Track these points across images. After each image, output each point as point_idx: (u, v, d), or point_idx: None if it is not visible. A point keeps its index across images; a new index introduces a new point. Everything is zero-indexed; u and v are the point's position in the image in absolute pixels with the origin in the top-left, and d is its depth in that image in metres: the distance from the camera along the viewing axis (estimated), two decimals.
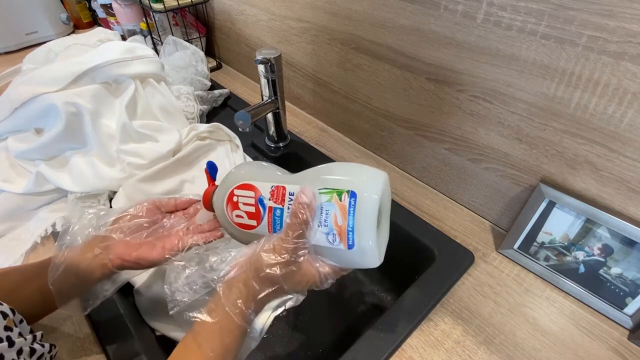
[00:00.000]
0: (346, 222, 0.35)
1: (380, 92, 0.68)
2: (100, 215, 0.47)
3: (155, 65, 0.76)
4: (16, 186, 0.65)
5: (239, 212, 0.40)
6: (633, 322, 0.49)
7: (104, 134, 0.67)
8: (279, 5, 0.79)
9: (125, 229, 0.46)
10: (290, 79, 0.87)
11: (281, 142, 0.78)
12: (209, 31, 1.09)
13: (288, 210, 0.37)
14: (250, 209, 0.39)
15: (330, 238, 0.35)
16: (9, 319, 0.36)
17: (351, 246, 0.35)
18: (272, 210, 0.38)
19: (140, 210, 0.47)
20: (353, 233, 0.35)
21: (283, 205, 0.37)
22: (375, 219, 0.35)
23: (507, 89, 0.51)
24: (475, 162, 0.60)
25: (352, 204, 0.34)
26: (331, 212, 0.35)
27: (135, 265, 0.44)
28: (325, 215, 0.35)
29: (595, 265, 0.51)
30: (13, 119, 0.68)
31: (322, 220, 0.35)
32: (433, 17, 0.53)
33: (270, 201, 0.38)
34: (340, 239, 0.35)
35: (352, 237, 0.35)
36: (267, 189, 0.38)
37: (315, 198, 0.35)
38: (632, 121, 0.42)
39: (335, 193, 0.35)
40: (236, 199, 0.40)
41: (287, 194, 0.37)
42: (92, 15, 1.35)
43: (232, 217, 0.41)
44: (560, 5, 0.42)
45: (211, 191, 0.45)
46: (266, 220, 0.39)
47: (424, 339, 0.49)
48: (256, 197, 0.39)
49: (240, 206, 0.40)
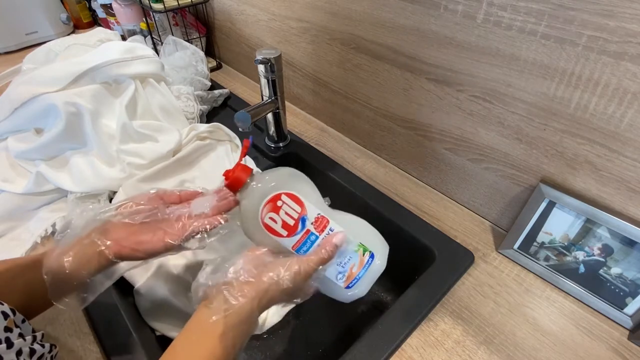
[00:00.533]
0: (358, 272, 0.43)
1: (380, 92, 0.68)
2: (101, 207, 0.45)
3: (155, 65, 0.76)
4: (16, 186, 0.65)
5: (275, 216, 0.41)
6: (633, 322, 0.49)
7: (104, 134, 0.67)
8: (279, 5, 0.79)
9: (126, 213, 0.44)
10: (290, 79, 0.87)
11: (281, 142, 0.78)
12: (209, 31, 1.09)
13: (320, 240, 0.42)
14: (289, 221, 0.41)
15: (339, 276, 0.42)
16: (9, 320, 0.35)
17: (349, 287, 0.43)
18: (309, 234, 0.41)
19: (142, 199, 0.46)
20: (357, 281, 0.43)
21: (320, 234, 0.42)
22: (375, 279, 0.44)
23: (507, 89, 0.51)
24: (475, 162, 0.60)
25: (369, 262, 0.43)
26: (352, 260, 0.43)
27: (134, 252, 0.42)
28: (347, 259, 0.42)
29: (595, 265, 0.51)
30: (13, 119, 0.68)
31: (342, 262, 0.42)
32: (433, 17, 0.53)
33: (312, 225, 0.42)
34: (345, 280, 0.43)
35: (354, 283, 0.43)
36: (314, 214, 0.42)
37: (346, 243, 0.42)
38: (632, 121, 0.42)
39: (362, 248, 0.43)
40: (280, 204, 0.41)
41: (327, 227, 0.42)
42: (92, 15, 1.35)
43: (264, 216, 0.41)
44: (560, 5, 0.42)
45: (248, 173, 0.43)
46: (298, 238, 0.41)
47: (424, 339, 0.49)
48: (301, 214, 0.41)
49: (280, 212, 0.41)
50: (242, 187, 0.42)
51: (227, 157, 0.74)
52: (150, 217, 0.44)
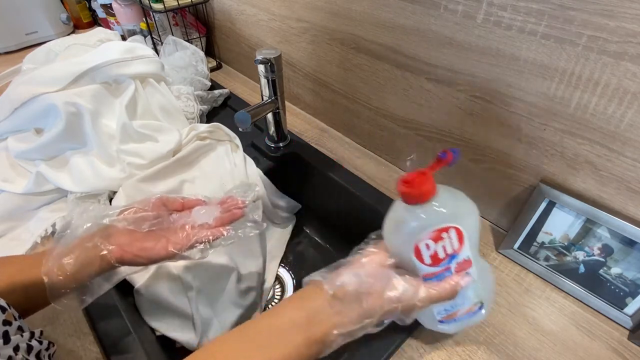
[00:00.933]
0: (461, 316, 0.42)
1: (380, 92, 0.68)
2: (103, 209, 0.46)
3: (155, 65, 0.76)
4: (16, 186, 0.65)
5: (432, 244, 0.38)
6: (633, 322, 0.49)
7: (103, 134, 0.67)
8: (279, 5, 0.79)
9: (130, 220, 0.44)
10: (290, 79, 0.87)
11: (281, 142, 0.78)
12: (209, 31, 1.09)
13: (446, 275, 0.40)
14: (441, 254, 0.38)
15: (442, 312, 0.42)
16: (8, 313, 0.35)
17: (442, 322, 0.43)
18: (447, 270, 0.39)
19: (146, 204, 0.46)
20: (455, 322, 0.43)
21: (456, 273, 0.40)
22: (470, 325, 0.46)
23: (507, 89, 0.51)
24: (475, 162, 0.60)
25: (476, 312, 0.43)
26: (463, 305, 0.42)
27: (136, 257, 0.42)
28: (460, 304, 0.41)
29: (595, 265, 0.51)
30: (13, 119, 0.68)
31: (455, 304, 0.41)
32: (433, 17, 0.53)
33: (455, 265, 0.39)
34: (444, 316, 0.42)
35: (451, 322, 0.43)
36: (464, 255, 0.39)
37: (470, 290, 0.41)
38: (632, 121, 0.42)
39: (479, 302, 0.42)
40: (444, 236, 0.37)
41: (465, 271, 0.40)
42: (92, 15, 1.35)
43: (423, 239, 0.37)
44: (560, 5, 0.42)
45: (435, 191, 0.38)
46: (436, 271, 0.39)
47: (424, 339, 0.49)
48: (454, 252, 0.38)
49: (438, 243, 0.38)
50: (419, 201, 0.37)
51: (227, 157, 0.74)
52: (156, 226, 0.44)
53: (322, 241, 0.84)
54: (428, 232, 0.37)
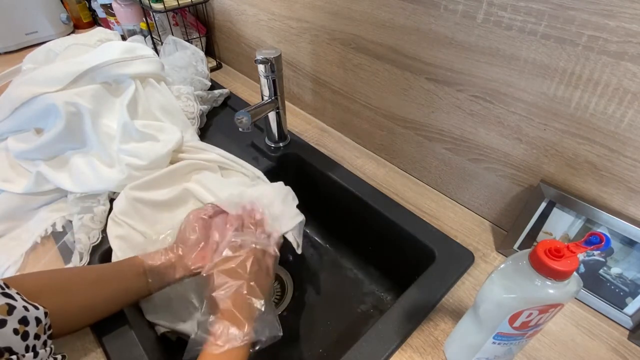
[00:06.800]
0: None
1: (380, 92, 0.68)
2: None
3: (155, 65, 0.76)
4: (16, 186, 0.65)
5: (535, 313, 0.36)
6: (633, 322, 0.49)
7: (103, 134, 0.67)
8: (279, 5, 0.79)
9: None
10: (290, 78, 0.87)
11: (281, 142, 0.78)
12: (209, 31, 1.09)
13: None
14: (533, 321, 0.37)
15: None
16: (40, 326, 0.36)
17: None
18: (523, 335, 0.39)
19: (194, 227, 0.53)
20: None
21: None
22: None
23: (507, 89, 0.51)
24: (475, 162, 0.60)
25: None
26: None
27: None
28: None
29: (595, 265, 0.51)
30: (13, 119, 0.68)
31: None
32: (433, 17, 0.53)
33: (533, 331, 0.39)
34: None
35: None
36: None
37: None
38: (632, 121, 0.42)
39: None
40: (551, 311, 0.36)
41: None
42: (92, 15, 1.35)
43: (531, 309, 0.36)
44: (560, 5, 0.42)
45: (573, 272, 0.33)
46: (515, 333, 0.39)
47: (424, 339, 0.49)
48: (543, 322, 0.37)
49: (543, 314, 0.36)
50: (556, 277, 0.33)
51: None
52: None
53: (321, 241, 0.84)
54: (544, 305, 0.35)
